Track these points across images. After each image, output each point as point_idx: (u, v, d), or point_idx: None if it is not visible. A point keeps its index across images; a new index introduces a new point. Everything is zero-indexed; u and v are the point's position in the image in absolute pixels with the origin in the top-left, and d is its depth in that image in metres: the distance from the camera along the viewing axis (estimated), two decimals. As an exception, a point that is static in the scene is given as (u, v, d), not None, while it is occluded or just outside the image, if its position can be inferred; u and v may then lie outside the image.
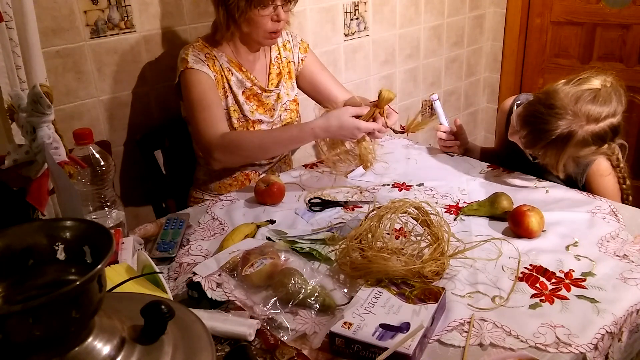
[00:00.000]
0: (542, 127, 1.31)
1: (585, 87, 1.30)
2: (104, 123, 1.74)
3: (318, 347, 0.90)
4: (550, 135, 1.29)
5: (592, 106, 1.28)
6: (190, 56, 1.53)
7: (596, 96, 1.29)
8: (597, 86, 1.30)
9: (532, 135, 1.34)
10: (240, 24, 1.50)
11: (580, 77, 1.34)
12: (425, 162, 1.63)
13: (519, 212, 1.20)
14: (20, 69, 1.33)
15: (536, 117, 1.32)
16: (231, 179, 1.68)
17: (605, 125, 1.29)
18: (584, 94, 1.29)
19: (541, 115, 1.31)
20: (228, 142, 1.49)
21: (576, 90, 1.30)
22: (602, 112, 1.28)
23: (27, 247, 0.59)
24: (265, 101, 1.65)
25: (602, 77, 1.33)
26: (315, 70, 1.74)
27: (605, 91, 1.29)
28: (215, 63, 1.56)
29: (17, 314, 0.50)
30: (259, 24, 1.49)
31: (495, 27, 2.94)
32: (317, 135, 1.42)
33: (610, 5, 2.58)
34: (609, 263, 1.09)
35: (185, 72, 1.52)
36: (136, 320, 0.59)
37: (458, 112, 3.02)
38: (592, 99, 1.28)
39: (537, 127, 1.32)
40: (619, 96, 1.31)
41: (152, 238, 1.27)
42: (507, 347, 0.89)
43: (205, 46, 1.57)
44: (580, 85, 1.32)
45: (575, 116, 1.28)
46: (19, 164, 1.00)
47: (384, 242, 1.09)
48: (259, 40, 1.56)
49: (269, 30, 1.51)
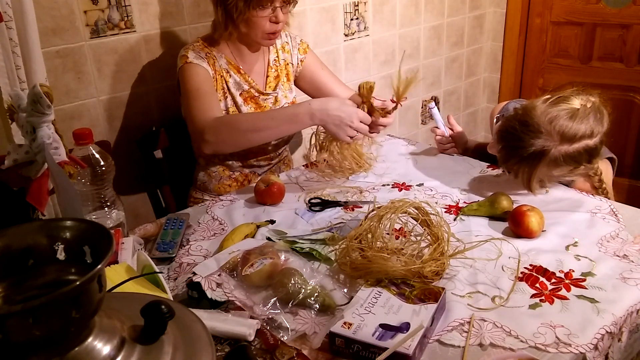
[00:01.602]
0: (515, 143, 1.29)
1: (563, 107, 1.27)
2: (104, 123, 1.74)
3: (318, 347, 0.90)
4: (523, 152, 1.27)
5: (567, 126, 1.24)
6: (190, 52, 1.53)
7: (573, 116, 1.25)
8: (576, 106, 1.27)
9: (506, 150, 1.32)
10: (239, 25, 1.49)
11: (561, 95, 1.31)
12: (425, 162, 1.63)
13: (519, 212, 1.20)
14: (20, 69, 1.33)
15: (510, 133, 1.30)
16: (230, 179, 1.68)
17: (580, 146, 1.26)
18: (560, 112, 1.26)
19: (515, 131, 1.29)
20: (220, 123, 1.46)
21: (552, 109, 1.27)
22: (578, 133, 1.25)
23: (27, 247, 0.59)
24: (262, 104, 1.65)
25: (585, 96, 1.30)
26: (315, 69, 1.73)
27: (583, 111, 1.26)
28: (215, 63, 1.56)
29: (17, 314, 0.50)
30: (257, 24, 1.49)
31: (495, 27, 2.94)
32: (314, 113, 1.36)
33: (610, 5, 2.58)
34: (609, 263, 1.09)
35: (184, 67, 1.52)
36: (136, 320, 0.59)
37: (458, 112, 3.02)
38: (568, 118, 1.25)
39: (511, 144, 1.30)
40: (600, 117, 1.27)
41: (152, 238, 1.27)
42: (507, 347, 0.89)
43: (205, 46, 1.57)
44: (558, 104, 1.28)
45: (549, 135, 1.25)
46: (19, 164, 1.00)
47: (384, 242, 1.09)
48: (257, 41, 1.56)
49: (267, 31, 1.50)
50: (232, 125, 1.46)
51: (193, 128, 1.51)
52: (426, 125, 2.86)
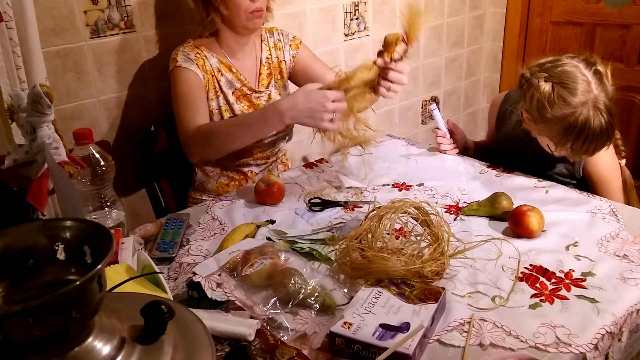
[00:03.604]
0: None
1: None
2: (104, 123, 1.74)
3: (318, 347, 0.90)
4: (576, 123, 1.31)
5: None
6: (180, 56, 1.53)
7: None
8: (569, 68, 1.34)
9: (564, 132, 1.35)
10: (219, 7, 1.49)
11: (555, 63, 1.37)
12: (425, 162, 1.63)
13: (519, 212, 1.20)
14: (20, 69, 1.33)
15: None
16: (228, 179, 1.68)
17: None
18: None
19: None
20: (201, 134, 1.48)
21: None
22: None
23: (27, 247, 0.59)
24: (255, 102, 1.65)
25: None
26: (307, 62, 1.73)
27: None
28: (206, 63, 1.56)
29: (17, 314, 0.50)
30: (236, 3, 1.48)
31: (495, 27, 2.94)
32: (282, 112, 1.33)
33: (610, 5, 2.58)
34: (609, 263, 1.09)
35: (174, 71, 1.53)
36: (136, 320, 0.59)
37: (458, 112, 3.02)
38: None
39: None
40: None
41: (152, 238, 1.27)
42: (507, 347, 0.89)
43: (195, 46, 1.57)
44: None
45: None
46: (19, 164, 1.00)
47: (384, 242, 1.09)
48: (243, 24, 1.53)
49: (249, 9, 1.49)
50: (208, 135, 1.48)
51: (180, 137, 1.54)
52: (426, 125, 2.86)
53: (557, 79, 1.33)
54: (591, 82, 1.31)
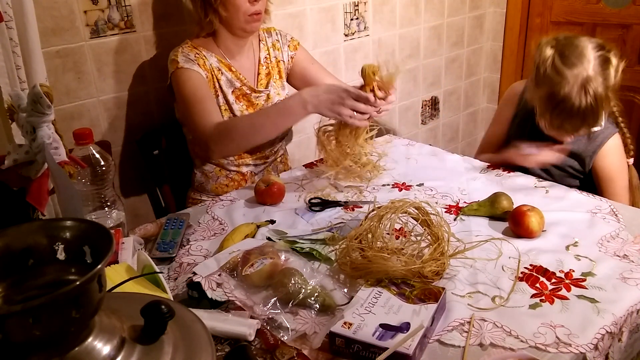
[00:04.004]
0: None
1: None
2: (104, 123, 1.74)
3: (318, 347, 0.90)
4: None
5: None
6: (179, 57, 1.53)
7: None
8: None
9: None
10: (218, 8, 1.50)
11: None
12: (425, 162, 1.63)
13: (519, 212, 1.20)
14: (20, 69, 1.33)
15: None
16: (227, 179, 1.68)
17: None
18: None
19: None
20: (221, 131, 1.48)
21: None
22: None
23: (27, 247, 0.59)
24: (254, 101, 1.65)
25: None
26: (305, 65, 1.73)
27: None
28: (205, 63, 1.56)
29: (17, 314, 0.50)
30: (235, 5, 1.48)
31: (495, 27, 2.94)
32: (306, 102, 1.37)
33: (610, 5, 2.58)
34: (609, 263, 1.09)
35: (176, 72, 1.53)
36: (136, 320, 0.59)
37: (458, 112, 3.02)
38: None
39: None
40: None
41: (152, 238, 1.27)
42: (507, 347, 0.89)
43: (193, 47, 1.57)
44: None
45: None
46: (19, 164, 1.00)
47: (384, 242, 1.09)
48: (241, 26, 1.53)
49: (248, 12, 1.49)
50: (231, 131, 1.48)
51: (196, 136, 1.54)
52: (426, 125, 2.86)
53: (560, 48, 1.36)
54: (591, 62, 1.33)
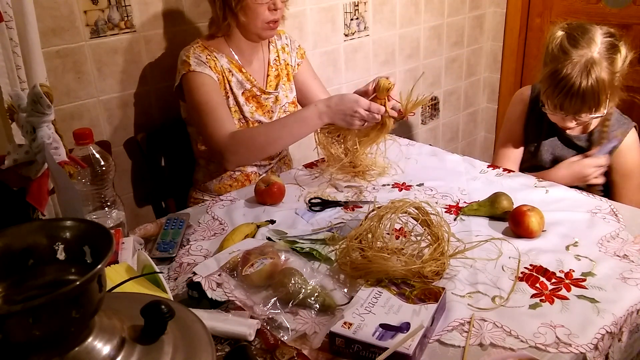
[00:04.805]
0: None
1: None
2: (104, 123, 1.74)
3: (318, 347, 0.90)
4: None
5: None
6: (192, 59, 1.53)
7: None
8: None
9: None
10: (237, 13, 1.50)
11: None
12: (425, 162, 1.63)
13: (519, 212, 1.20)
14: (20, 69, 1.33)
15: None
16: (231, 179, 1.68)
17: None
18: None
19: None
20: (237, 141, 1.49)
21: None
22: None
23: (27, 247, 0.59)
24: (264, 103, 1.65)
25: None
26: (308, 78, 1.75)
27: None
28: (217, 64, 1.56)
29: (17, 314, 0.50)
30: (256, 12, 1.49)
31: (495, 27, 2.94)
32: (320, 109, 1.41)
33: (610, 5, 2.58)
34: (609, 263, 1.09)
35: (188, 75, 1.52)
36: (136, 320, 0.59)
37: (458, 112, 3.02)
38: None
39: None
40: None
41: (152, 238, 1.27)
42: (507, 347, 0.89)
43: (205, 47, 1.57)
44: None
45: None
46: (19, 164, 1.00)
47: (384, 242, 1.09)
48: (258, 32, 1.55)
49: (267, 20, 1.51)
50: (248, 142, 1.50)
51: (210, 146, 1.55)
52: (426, 125, 2.86)
53: (571, 31, 1.38)
54: (598, 46, 1.34)
